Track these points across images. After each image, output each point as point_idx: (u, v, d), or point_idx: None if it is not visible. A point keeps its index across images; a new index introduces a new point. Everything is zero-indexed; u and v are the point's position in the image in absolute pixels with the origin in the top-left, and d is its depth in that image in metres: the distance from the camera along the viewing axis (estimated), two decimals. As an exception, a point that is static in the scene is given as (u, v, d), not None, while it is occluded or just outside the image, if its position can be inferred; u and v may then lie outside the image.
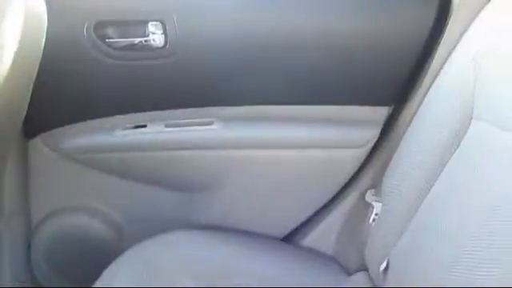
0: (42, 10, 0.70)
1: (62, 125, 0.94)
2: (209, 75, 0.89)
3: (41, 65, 0.74)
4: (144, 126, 0.94)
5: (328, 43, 0.88)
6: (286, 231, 1.02)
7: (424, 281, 0.68)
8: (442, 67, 0.84)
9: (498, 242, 0.59)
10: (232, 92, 0.91)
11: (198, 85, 0.91)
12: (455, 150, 0.73)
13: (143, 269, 0.86)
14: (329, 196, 0.98)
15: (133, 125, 0.94)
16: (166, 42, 0.87)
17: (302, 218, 1.01)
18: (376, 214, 0.88)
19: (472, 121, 0.72)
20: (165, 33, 0.87)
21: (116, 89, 0.92)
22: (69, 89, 0.90)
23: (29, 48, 0.69)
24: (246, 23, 0.86)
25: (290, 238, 1.03)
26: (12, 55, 0.64)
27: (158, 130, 0.94)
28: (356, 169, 0.97)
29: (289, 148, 0.94)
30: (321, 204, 0.99)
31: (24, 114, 0.78)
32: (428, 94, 0.84)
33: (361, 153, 0.95)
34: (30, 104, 0.74)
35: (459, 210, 0.67)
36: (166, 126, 0.94)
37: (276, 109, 0.92)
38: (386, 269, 0.79)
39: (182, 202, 1.01)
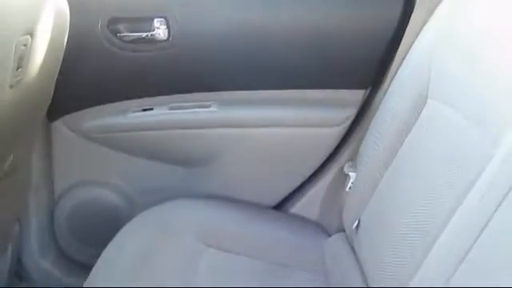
0: (65, 9, 0.84)
1: (80, 109, 1.08)
2: (206, 64, 1.03)
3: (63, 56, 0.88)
4: (151, 109, 1.08)
5: (310, 36, 1.01)
6: (276, 200, 1.15)
7: (385, 234, 0.81)
8: (406, 54, 0.97)
9: (446, 203, 0.70)
10: (227, 79, 1.05)
11: (197, 73, 1.04)
12: (413, 125, 0.86)
13: (152, 230, 1.00)
14: (312, 169, 1.12)
15: (141, 108, 1.07)
16: (169, 36, 1.01)
17: (290, 188, 1.14)
18: (352, 183, 1.02)
19: (427, 100, 0.85)
20: (168, 28, 1.00)
21: (126, 77, 1.05)
22: (86, 77, 1.03)
23: (55, 42, 0.83)
24: (237, 20, 1.00)
25: (280, 206, 1.16)
26: (44, 49, 0.78)
27: (163, 113, 1.08)
28: (336, 144, 1.10)
29: (276, 127, 1.07)
30: (306, 176, 1.12)
31: (50, 98, 0.92)
32: (395, 77, 0.98)
33: (340, 130, 1.08)
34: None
35: (411, 176, 0.81)
36: (170, 108, 1.08)
37: (265, 93, 1.05)
38: (358, 227, 0.93)
39: (185, 175, 1.14)
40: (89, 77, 1.04)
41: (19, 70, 0.71)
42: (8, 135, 0.79)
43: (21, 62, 0.71)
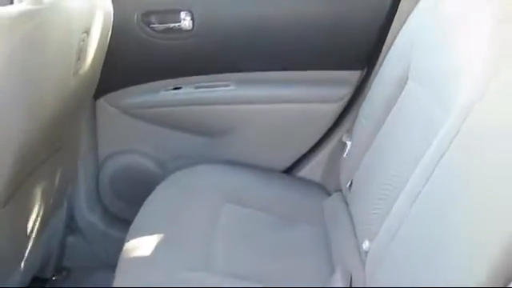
0: (110, 10, 1.03)
1: (120, 88, 1.27)
2: (224, 50, 1.22)
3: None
4: (179, 88, 1.27)
5: (312, 25, 1.19)
6: (285, 165, 1.33)
7: (370, 190, 0.99)
8: (395, 39, 1.13)
9: (411, 163, 0.85)
10: (241, 62, 1.23)
11: (217, 57, 1.23)
12: (396, 101, 1.03)
13: (180, 190, 1.19)
14: (316, 139, 1.30)
15: (171, 87, 1.27)
16: (193, 26, 1.19)
17: (297, 155, 1.32)
18: (348, 150, 1.20)
19: (408, 81, 1.02)
20: (192, 19, 1.19)
21: (158, 61, 1.24)
22: (125, 61, 1.23)
23: (103, 37, 1.02)
24: (249, 12, 1.19)
25: (288, 170, 1.34)
26: (95, 43, 0.97)
27: (190, 91, 1.27)
28: (336, 118, 1.28)
29: (284, 103, 1.26)
30: (310, 145, 1.31)
31: (98, 79, 1.12)
32: (384, 60, 1.14)
33: (339, 106, 1.26)
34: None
35: (391, 143, 0.98)
36: (195, 87, 1.27)
37: (274, 74, 1.24)
38: (351, 186, 1.11)
39: (208, 144, 1.33)
40: (127, 61, 1.23)
41: (78, 61, 0.91)
42: (69, 113, 1.00)
43: (80, 54, 0.91)
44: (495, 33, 0.78)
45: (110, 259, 1.24)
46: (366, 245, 0.90)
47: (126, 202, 1.38)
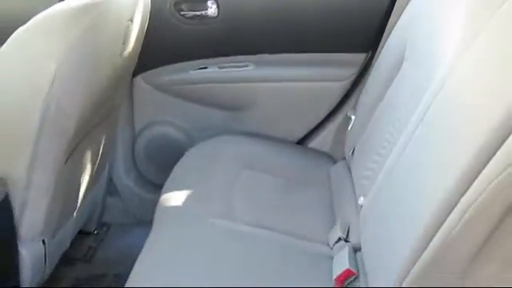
0: (149, 0, 1.21)
1: (154, 67, 1.45)
2: (245, 35, 1.39)
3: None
4: (205, 68, 1.45)
5: (322, 12, 1.35)
6: (298, 137, 1.50)
7: (368, 154, 1.15)
8: (395, 24, 1.28)
9: (400, 127, 1.02)
10: (260, 45, 1.40)
11: (238, 41, 1.40)
12: (393, 81, 1.19)
13: (205, 157, 1.36)
14: (325, 113, 1.46)
15: (198, 67, 1.45)
16: (218, 14, 1.36)
17: (308, 128, 1.49)
18: (352, 123, 1.37)
19: (403, 62, 1.17)
20: (218, 8, 1.36)
21: (187, 44, 1.42)
22: (159, 44, 1.40)
23: (142, 23, 1.20)
24: (267, 2, 1.35)
25: (301, 141, 1.51)
26: (136, 29, 1.15)
27: (214, 71, 1.45)
28: (343, 95, 1.44)
29: (296, 81, 1.43)
30: (320, 118, 1.47)
31: (137, 59, 1.31)
32: (385, 44, 1.29)
33: (345, 84, 1.43)
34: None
35: (390, 113, 1.13)
36: (219, 67, 1.44)
37: (288, 56, 1.41)
38: (353, 153, 1.28)
39: (229, 117, 1.51)
40: (160, 44, 1.41)
41: (123, 44, 1.10)
42: (114, 89, 1.19)
43: (125, 38, 1.09)
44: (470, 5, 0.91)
45: (144, 217, 1.44)
46: (361, 200, 1.07)
47: (157, 168, 1.56)
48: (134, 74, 1.46)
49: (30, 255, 1.04)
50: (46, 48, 0.88)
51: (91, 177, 1.33)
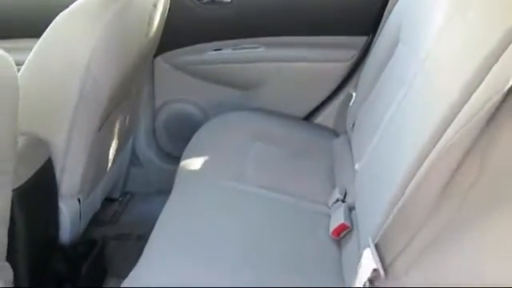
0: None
1: (173, 49, 1.60)
2: (256, 19, 1.53)
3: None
4: (220, 50, 1.59)
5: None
6: (304, 113, 1.64)
7: (366, 127, 1.29)
8: (392, 8, 1.40)
9: (391, 103, 1.16)
10: (270, 28, 1.54)
11: (250, 25, 1.54)
12: (389, 61, 1.31)
13: (218, 131, 1.50)
14: (329, 91, 1.60)
15: (213, 48, 1.58)
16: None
17: (313, 105, 1.63)
18: (353, 100, 1.50)
19: (398, 44, 1.30)
20: (231, -7, 1.50)
21: (203, 27, 1.56)
22: (178, 27, 1.54)
23: (164, 8, 1.34)
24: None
25: (307, 118, 1.65)
26: (159, 13, 1.30)
27: (228, 52, 1.59)
28: (345, 74, 1.57)
29: (303, 62, 1.56)
30: (325, 96, 1.61)
31: (158, 41, 1.45)
32: (383, 27, 1.42)
33: (348, 65, 1.56)
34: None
35: (384, 89, 1.27)
36: (233, 49, 1.58)
37: (295, 38, 1.54)
38: (353, 126, 1.41)
39: (241, 95, 1.65)
40: (179, 27, 1.55)
41: (149, 25, 1.24)
42: (139, 67, 1.33)
43: (149, 21, 1.24)
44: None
45: (163, 186, 1.58)
46: (356, 166, 1.21)
47: (175, 141, 1.71)
48: (155, 55, 1.60)
49: (68, 211, 1.20)
50: (83, 30, 1.03)
51: (117, 147, 1.48)
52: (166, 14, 1.39)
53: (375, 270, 0.82)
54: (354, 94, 1.49)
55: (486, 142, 0.70)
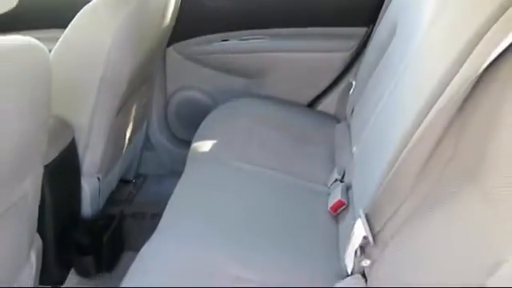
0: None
1: (183, 39, 1.70)
2: (262, 11, 1.62)
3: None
4: (227, 40, 1.69)
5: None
6: (307, 100, 1.74)
7: (363, 112, 1.38)
8: (391, 1, 1.49)
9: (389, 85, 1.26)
10: (274, 20, 1.63)
11: (256, 17, 1.64)
12: (387, 48, 1.40)
13: (226, 116, 1.60)
14: (330, 80, 1.70)
15: (221, 39, 1.68)
16: (239, -6, 1.60)
17: (316, 93, 1.72)
18: (353, 88, 1.59)
19: (395, 35, 1.39)
20: (238, -12, 1.59)
21: (212, 19, 1.66)
22: (188, 19, 1.63)
23: (177, 2, 1.44)
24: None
25: (310, 105, 1.75)
26: (172, 5, 1.39)
27: (235, 43, 1.69)
28: (346, 64, 1.67)
29: (306, 52, 1.66)
30: (326, 85, 1.71)
31: (171, 32, 1.55)
32: (382, 19, 1.51)
33: (348, 55, 1.65)
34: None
35: (380, 77, 1.36)
36: (239, 40, 1.68)
37: (298, 30, 1.63)
38: (352, 112, 1.51)
39: (247, 83, 1.75)
40: (190, 19, 1.65)
41: (163, 17, 1.34)
42: (153, 57, 1.44)
43: (164, 13, 1.34)
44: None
45: (175, 169, 1.69)
46: (354, 149, 1.31)
47: (186, 126, 1.82)
48: (167, 45, 1.70)
49: (89, 188, 1.32)
50: (105, 21, 1.13)
51: (132, 131, 1.59)
52: (178, 6, 1.49)
53: (365, 238, 0.93)
54: (353, 83, 1.59)
55: (461, 122, 0.80)
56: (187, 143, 1.57)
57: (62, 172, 1.20)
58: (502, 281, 0.57)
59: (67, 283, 1.29)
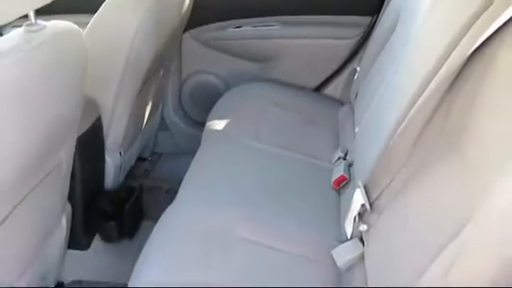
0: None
1: (199, 25, 1.80)
2: (273, 1, 1.72)
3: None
4: (240, 27, 1.79)
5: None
6: (314, 85, 1.84)
7: (367, 96, 1.49)
8: None
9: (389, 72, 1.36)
10: (285, 8, 1.73)
11: (267, 5, 1.73)
12: (390, 36, 1.50)
13: (238, 98, 1.71)
14: (337, 66, 1.80)
15: (235, 26, 1.79)
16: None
17: (322, 78, 1.83)
18: (357, 74, 1.69)
19: (397, 24, 1.48)
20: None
21: (225, 7, 1.76)
22: (203, 6, 1.73)
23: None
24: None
25: (317, 89, 1.85)
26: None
27: (247, 29, 1.79)
28: (351, 51, 1.76)
29: (314, 38, 1.76)
30: (332, 70, 1.81)
31: (187, 19, 1.66)
32: (386, 8, 1.60)
33: (354, 42, 1.75)
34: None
35: (381, 63, 1.46)
36: (252, 27, 1.78)
37: (306, 17, 1.73)
38: (356, 96, 1.61)
39: (258, 67, 1.85)
40: (204, 6, 1.74)
41: (182, 5, 1.44)
42: (171, 42, 1.54)
43: (182, 1, 1.44)
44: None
45: (188, 148, 1.80)
46: (356, 129, 1.41)
47: (199, 108, 1.93)
48: (183, 31, 1.80)
49: (112, 162, 1.44)
50: (131, 8, 1.24)
51: (150, 111, 1.71)
52: (194, -5, 1.60)
53: (363, 206, 1.04)
54: (358, 69, 1.69)
55: (448, 103, 0.90)
56: (200, 124, 1.69)
57: (89, 146, 1.32)
58: (476, 228, 0.67)
59: (92, 248, 1.41)
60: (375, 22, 1.71)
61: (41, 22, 0.86)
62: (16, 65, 0.78)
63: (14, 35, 0.83)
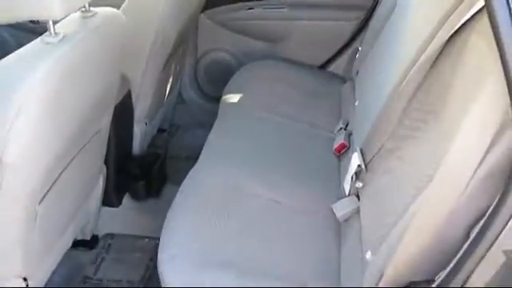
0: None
1: (213, 7, 1.96)
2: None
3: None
4: (252, 9, 1.95)
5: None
6: (319, 63, 2.01)
7: (368, 75, 1.65)
8: None
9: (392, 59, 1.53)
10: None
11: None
12: (388, 20, 1.65)
13: (250, 75, 1.88)
14: (340, 45, 1.96)
15: (247, 8, 1.95)
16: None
17: (327, 56, 1.99)
18: (359, 53, 1.86)
19: (396, 7, 1.64)
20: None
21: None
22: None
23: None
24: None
25: (322, 66, 2.02)
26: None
27: (259, 11, 1.96)
28: (354, 32, 1.92)
29: (320, 20, 1.92)
30: (337, 48, 1.97)
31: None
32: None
33: (356, 24, 1.91)
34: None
35: (385, 46, 1.62)
36: (263, 8, 1.94)
37: (312, 0, 1.89)
38: (357, 74, 1.77)
39: (269, 46, 2.02)
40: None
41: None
42: (190, 22, 1.71)
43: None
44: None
45: (203, 120, 1.98)
46: (356, 103, 1.59)
47: (213, 84, 2.11)
48: (200, 12, 1.96)
49: (139, 131, 1.62)
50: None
51: (171, 86, 1.88)
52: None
53: (359, 166, 1.22)
54: (359, 48, 1.86)
55: (430, 79, 1.08)
56: (214, 98, 1.88)
57: (121, 116, 1.50)
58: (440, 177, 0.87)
59: (123, 205, 1.61)
60: (376, 5, 1.86)
61: (93, 8, 1.03)
62: (76, 46, 0.95)
63: (72, 20, 1.00)
